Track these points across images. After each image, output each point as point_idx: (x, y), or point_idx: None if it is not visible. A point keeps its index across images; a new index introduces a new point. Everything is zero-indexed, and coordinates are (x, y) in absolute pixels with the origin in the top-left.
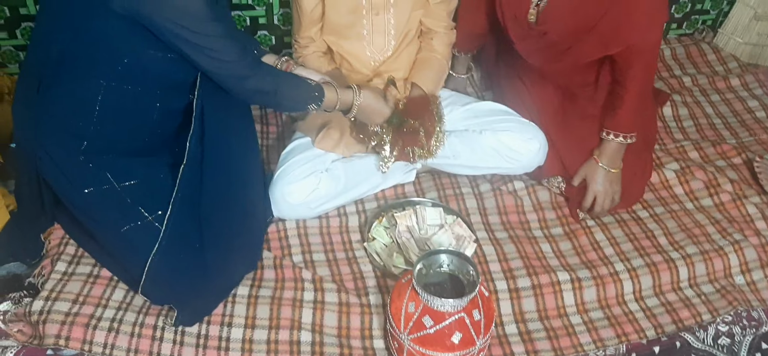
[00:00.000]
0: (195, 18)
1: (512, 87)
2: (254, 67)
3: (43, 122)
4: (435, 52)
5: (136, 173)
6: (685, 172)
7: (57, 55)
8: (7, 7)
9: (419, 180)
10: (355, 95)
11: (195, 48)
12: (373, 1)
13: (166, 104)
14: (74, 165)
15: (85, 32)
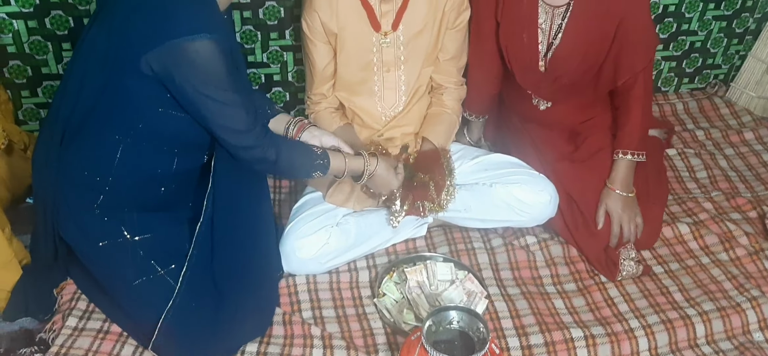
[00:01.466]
0: (214, 82)
1: (519, 140)
2: (260, 138)
3: (63, 174)
4: (445, 107)
5: (150, 227)
6: (699, 226)
7: (82, 110)
8: (30, 66)
9: (430, 234)
10: (367, 163)
11: (208, 112)
12: (384, 58)
13: (183, 162)
14: (90, 218)
15: (111, 90)
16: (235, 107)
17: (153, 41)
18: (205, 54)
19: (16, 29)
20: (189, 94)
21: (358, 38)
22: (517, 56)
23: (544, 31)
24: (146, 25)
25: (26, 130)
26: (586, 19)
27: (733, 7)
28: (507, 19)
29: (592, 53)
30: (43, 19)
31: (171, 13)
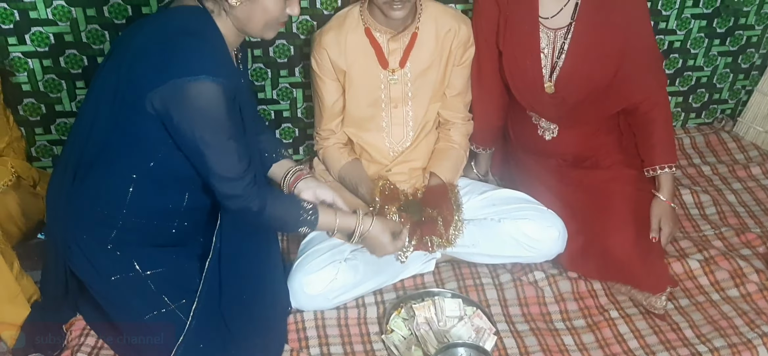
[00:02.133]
0: (210, 126)
1: (526, 174)
2: (248, 188)
3: (75, 210)
4: (452, 142)
5: (162, 262)
6: (709, 262)
7: (94, 148)
8: (44, 104)
9: (439, 270)
10: (359, 223)
11: (200, 155)
12: (391, 95)
13: (194, 199)
14: (102, 254)
15: (121, 128)
16: (228, 153)
17: (156, 80)
18: (206, 96)
19: (31, 68)
20: (185, 134)
21: (366, 75)
22: (522, 82)
23: (546, 55)
24: (152, 64)
25: (39, 166)
26: (588, 39)
27: (739, 43)
28: (509, 46)
29: (597, 72)
30: (57, 58)
31: (175, 53)
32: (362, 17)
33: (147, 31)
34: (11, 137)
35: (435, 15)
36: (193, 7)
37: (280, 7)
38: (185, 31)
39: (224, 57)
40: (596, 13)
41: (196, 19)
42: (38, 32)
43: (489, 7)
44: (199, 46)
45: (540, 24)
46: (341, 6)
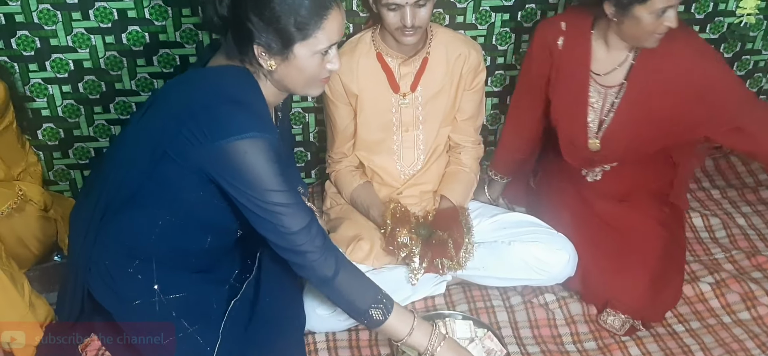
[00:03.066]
0: (262, 190)
1: (559, 202)
2: (316, 242)
3: (102, 242)
4: (463, 165)
5: (183, 287)
6: (720, 285)
7: (127, 191)
8: (62, 129)
9: (449, 292)
10: (431, 341)
11: (258, 217)
12: (403, 118)
13: (216, 240)
14: (124, 277)
15: (158, 181)
16: (285, 207)
17: (206, 144)
18: (251, 154)
19: (50, 94)
20: (237, 197)
21: (377, 99)
22: (568, 133)
23: (595, 110)
24: (200, 129)
25: (56, 190)
26: (639, 102)
27: (746, 68)
28: (558, 96)
29: (645, 135)
30: (76, 84)
31: (221, 118)
32: (374, 42)
33: (195, 94)
34: (27, 163)
35: (445, 41)
36: (237, 69)
37: (316, 65)
38: (232, 99)
39: (262, 111)
40: (651, 77)
41: (242, 83)
42: (58, 59)
43: (542, 54)
44: (245, 111)
45: (591, 79)
46: (353, 32)
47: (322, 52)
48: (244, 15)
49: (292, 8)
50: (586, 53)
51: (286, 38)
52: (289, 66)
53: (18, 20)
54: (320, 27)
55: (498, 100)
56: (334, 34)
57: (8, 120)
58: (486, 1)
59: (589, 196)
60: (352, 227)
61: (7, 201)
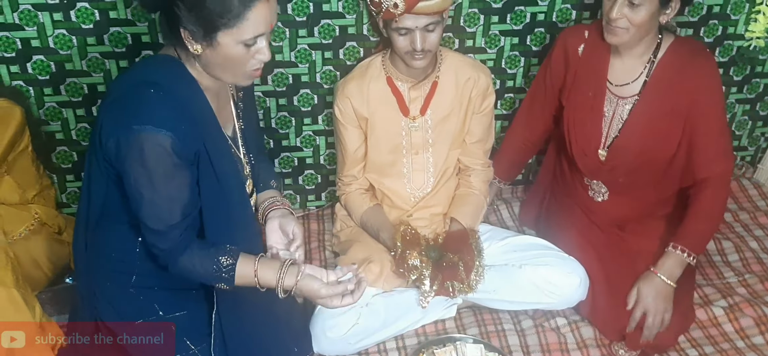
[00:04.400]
0: (147, 174)
1: (566, 222)
2: (170, 242)
3: (94, 259)
4: (473, 188)
5: (182, 306)
6: (733, 309)
7: (98, 201)
8: (75, 151)
9: (460, 315)
10: (280, 276)
11: (134, 200)
12: (412, 141)
13: None
14: (125, 298)
15: (112, 188)
16: (159, 205)
17: (110, 130)
18: (148, 145)
19: (64, 117)
20: (127, 179)
21: (387, 122)
22: (579, 141)
23: (606, 120)
24: (111, 115)
25: (69, 212)
26: (649, 116)
27: (756, 91)
28: (572, 103)
29: (652, 150)
30: (90, 108)
31: (129, 103)
32: (384, 67)
33: (118, 83)
34: (41, 186)
35: (455, 65)
36: (165, 57)
37: (241, 54)
38: (146, 82)
39: (186, 107)
40: (664, 94)
41: (165, 68)
42: (73, 83)
43: (562, 59)
44: (155, 96)
45: (607, 89)
46: (363, 56)
47: (249, 43)
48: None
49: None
50: (604, 62)
51: (210, 25)
52: (214, 53)
53: (34, 45)
54: (245, 16)
55: (507, 123)
56: (260, 24)
57: (24, 144)
58: (495, 26)
59: (598, 219)
60: (362, 249)
61: (24, 224)
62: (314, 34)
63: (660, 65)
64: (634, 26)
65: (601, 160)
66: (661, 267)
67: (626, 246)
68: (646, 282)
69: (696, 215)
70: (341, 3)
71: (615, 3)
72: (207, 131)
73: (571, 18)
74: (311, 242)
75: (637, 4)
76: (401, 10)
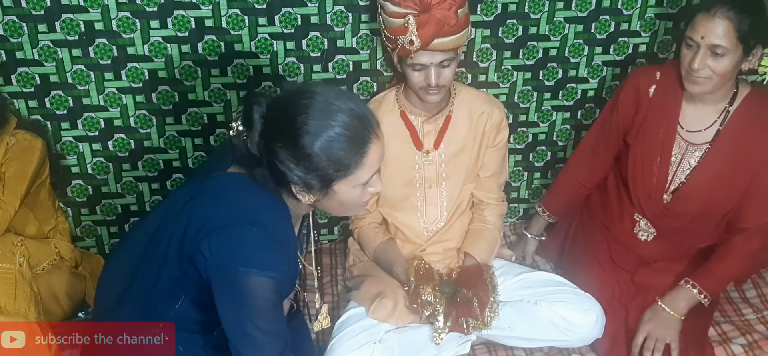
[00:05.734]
0: (253, 315)
1: (595, 260)
2: None
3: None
4: (487, 223)
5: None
6: (752, 346)
7: (135, 294)
8: (91, 186)
9: (474, 352)
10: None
11: (238, 339)
12: (426, 175)
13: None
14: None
15: (163, 280)
16: (269, 335)
17: (216, 262)
18: (256, 289)
19: (81, 151)
20: (229, 317)
21: (401, 156)
22: (644, 183)
23: (673, 165)
24: (214, 245)
25: (83, 246)
26: (720, 166)
27: None
28: (640, 144)
29: (719, 200)
30: (106, 142)
31: (236, 242)
32: (398, 101)
33: (220, 200)
34: (57, 220)
35: (468, 99)
36: (266, 193)
37: (358, 195)
38: (250, 221)
39: (287, 247)
40: (736, 145)
41: (268, 207)
42: (90, 117)
43: (631, 99)
44: (262, 238)
45: (678, 133)
46: (377, 91)
47: (365, 184)
48: (279, 159)
49: (331, 154)
50: (676, 106)
51: (326, 180)
52: (330, 200)
53: (52, 80)
54: (361, 164)
55: (521, 157)
56: (374, 164)
57: (44, 176)
58: (508, 61)
59: (627, 255)
60: (375, 284)
61: (48, 258)
62: (328, 70)
63: (735, 115)
64: (718, 76)
65: (665, 204)
66: (666, 298)
67: (645, 283)
68: (650, 310)
69: (721, 257)
70: (355, 39)
71: (697, 54)
72: (296, 268)
73: (583, 53)
74: (324, 277)
75: (721, 55)
76: (417, 47)
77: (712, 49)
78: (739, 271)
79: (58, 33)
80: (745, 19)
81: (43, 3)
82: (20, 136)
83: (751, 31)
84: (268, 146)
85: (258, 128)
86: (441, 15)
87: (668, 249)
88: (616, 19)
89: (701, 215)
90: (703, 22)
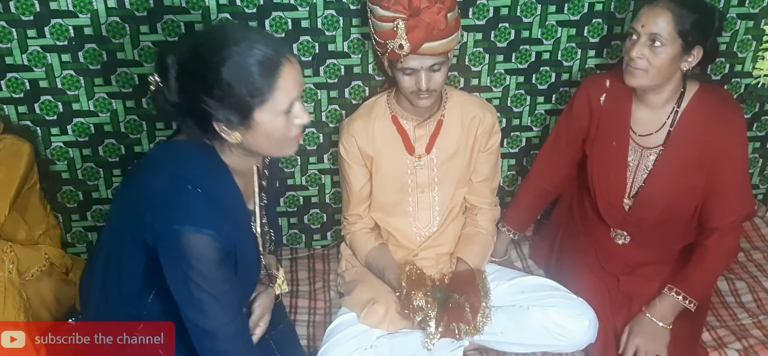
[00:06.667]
0: (199, 276)
1: (580, 261)
2: (227, 342)
3: (105, 311)
4: (479, 227)
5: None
6: (748, 351)
7: (115, 269)
8: (81, 191)
9: None
10: None
11: (188, 304)
12: (418, 180)
13: None
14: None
15: (130, 275)
16: (213, 305)
17: (156, 227)
18: (198, 248)
19: (71, 157)
20: (176, 282)
21: (393, 161)
22: (603, 191)
23: (630, 170)
24: (155, 211)
25: (73, 252)
26: (675, 165)
27: (766, 129)
28: (596, 153)
29: (677, 201)
30: (96, 147)
31: (175, 203)
32: (389, 105)
33: (153, 174)
34: (48, 225)
35: (460, 103)
36: (198, 147)
37: (282, 125)
38: (183, 177)
39: (222, 202)
40: (688, 144)
41: (200, 161)
42: (80, 123)
43: (584, 109)
44: (194, 195)
45: (631, 138)
46: (369, 95)
47: (286, 111)
48: (196, 97)
49: (242, 78)
50: (627, 111)
51: (244, 108)
52: (255, 134)
53: (42, 86)
54: (275, 87)
55: (514, 161)
56: (291, 90)
57: (33, 180)
58: (500, 65)
59: (614, 262)
60: (367, 290)
61: (37, 264)
62: (320, 74)
63: (684, 115)
64: (654, 68)
65: (626, 210)
66: (652, 308)
67: (632, 289)
68: (636, 321)
69: (698, 260)
70: (346, 43)
71: (636, 43)
72: (238, 222)
73: (576, 56)
74: (316, 282)
75: (658, 46)
76: (406, 51)
77: (651, 38)
78: (719, 271)
79: (47, 38)
80: (687, 15)
81: (32, 8)
82: (8, 141)
83: (692, 28)
84: (185, 87)
85: (173, 73)
86: (430, 19)
87: (648, 252)
88: (608, 22)
89: (663, 217)
90: (646, 12)
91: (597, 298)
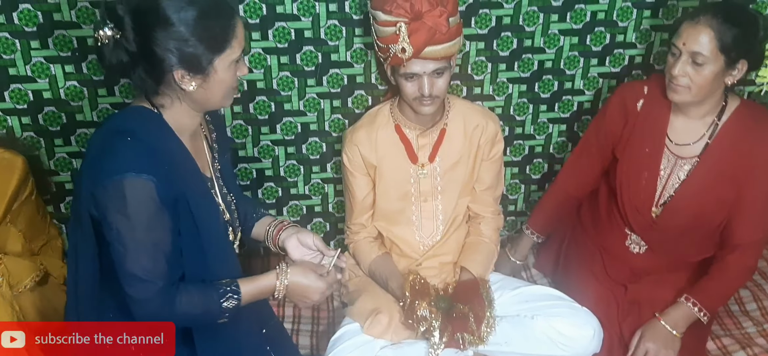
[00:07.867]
0: (128, 221)
1: (588, 268)
2: (156, 293)
3: (95, 313)
4: (483, 236)
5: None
6: None
7: (89, 277)
8: None
9: None
10: (280, 278)
11: (116, 250)
12: (421, 189)
13: None
14: None
15: (95, 268)
16: (142, 253)
17: (89, 182)
18: (130, 192)
19: (74, 167)
20: (109, 229)
21: (396, 170)
22: (632, 197)
23: (662, 178)
24: (88, 168)
25: None
26: (709, 180)
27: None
28: (627, 157)
29: (707, 213)
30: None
31: (104, 154)
32: (392, 115)
33: (92, 139)
34: (48, 236)
35: (463, 112)
36: (139, 108)
37: (232, 75)
38: (121, 131)
39: (164, 153)
40: (725, 159)
41: (140, 118)
42: (83, 134)
43: (619, 113)
44: (133, 144)
45: (666, 147)
46: (372, 105)
47: (235, 61)
48: (156, 44)
49: (206, 26)
50: (664, 119)
51: (206, 55)
52: (210, 82)
53: (46, 97)
54: (232, 36)
55: (517, 170)
56: (242, 41)
57: (27, 193)
58: (503, 74)
59: (621, 269)
60: (370, 299)
61: (30, 275)
62: (323, 84)
63: (724, 129)
64: (696, 85)
65: (654, 217)
66: (666, 315)
67: (640, 296)
68: (649, 326)
69: (718, 274)
70: (349, 53)
71: (678, 60)
72: (187, 176)
73: (578, 65)
74: None
75: (701, 64)
76: (409, 56)
77: (693, 57)
78: (737, 287)
79: (51, 49)
80: (729, 31)
81: (35, 20)
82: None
83: (734, 44)
84: (144, 33)
85: (129, 22)
86: (432, 22)
87: (661, 262)
88: (611, 30)
89: (690, 229)
90: (687, 30)
91: (603, 307)
